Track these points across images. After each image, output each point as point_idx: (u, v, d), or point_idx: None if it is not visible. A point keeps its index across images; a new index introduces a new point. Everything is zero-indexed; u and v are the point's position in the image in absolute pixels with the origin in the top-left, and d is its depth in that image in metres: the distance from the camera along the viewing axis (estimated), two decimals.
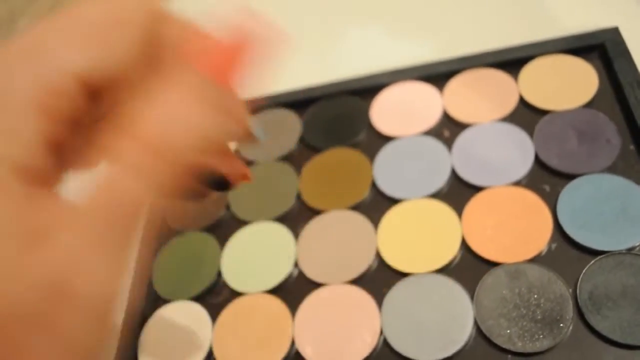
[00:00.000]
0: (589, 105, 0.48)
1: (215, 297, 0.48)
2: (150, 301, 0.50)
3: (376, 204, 0.49)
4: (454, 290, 0.42)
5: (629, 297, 0.38)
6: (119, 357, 0.47)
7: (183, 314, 0.48)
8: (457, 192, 0.47)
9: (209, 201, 0.53)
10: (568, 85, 0.49)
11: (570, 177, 0.44)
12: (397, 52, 0.60)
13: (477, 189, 0.46)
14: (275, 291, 0.47)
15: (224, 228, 0.52)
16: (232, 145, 0.57)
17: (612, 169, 0.44)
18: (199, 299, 0.48)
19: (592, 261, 0.40)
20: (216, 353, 0.45)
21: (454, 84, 0.53)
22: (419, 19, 0.63)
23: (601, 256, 0.40)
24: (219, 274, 0.49)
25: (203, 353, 0.45)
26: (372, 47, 0.63)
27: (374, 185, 0.50)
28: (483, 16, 0.60)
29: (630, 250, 0.40)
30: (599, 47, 0.50)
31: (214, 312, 0.47)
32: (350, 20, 0.67)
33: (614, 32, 0.50)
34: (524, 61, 0.52)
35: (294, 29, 0.67)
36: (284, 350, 0.43)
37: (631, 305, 0.38)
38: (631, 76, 0.47)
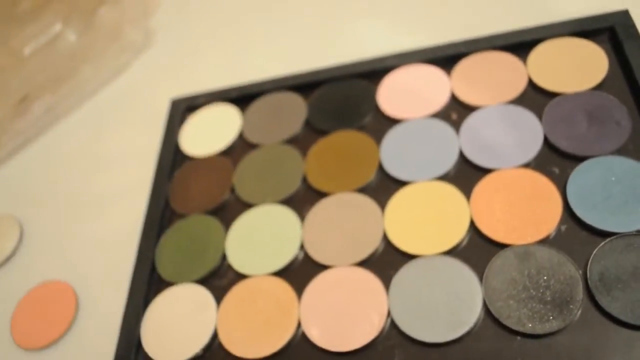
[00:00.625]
0: (599, 87, 0.47)
1: (220, 279, 0.48)
2: (154, 284, 0.50)
3: (383, 187, 0.48)
4: (463, 271, 0.41)
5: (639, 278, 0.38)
6: (122, 340, 0.46)
7: (187, 297, 0.47)
8: (465, 175, 0.46)
9: (213, 184, 0.53)
10: (577, 68, 0.49)
11: (579, 159, 0.44)
12: (404, 34, 0.60)
13: (485, 171, 0.46)
14: (280, 274, 0.46)
15: (228, 211, 0.52)
16: (237, 128, 0.57)
17: (622, 151, 0.43)
18: (203, 282, 0.48)
19: (603, 243, 0.39)
20: (221, 336, 0.44)
21: (462, 66, 0.53)
22: (428, 1, 0.62)
23: (611, 238, 0.39)
24: (224, 257, 0.49)
25: (208, 336, 0.44)
26: (379, 29, 0.62)
27: (380, 168, 0.49)
28: None
29: None
30: (608, 30, 0.50)
31: (219, 295, 0.46)
32: (357, 3, 0.66)
33: (624, 15, 0.50)
34: (533, 44, 0.51)
35: (302, 12, 0.68)
36: (290, 333, 0.43)
37: None
38: None
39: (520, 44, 0.52)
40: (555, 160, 0.45)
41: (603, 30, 0.50)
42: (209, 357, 0.44)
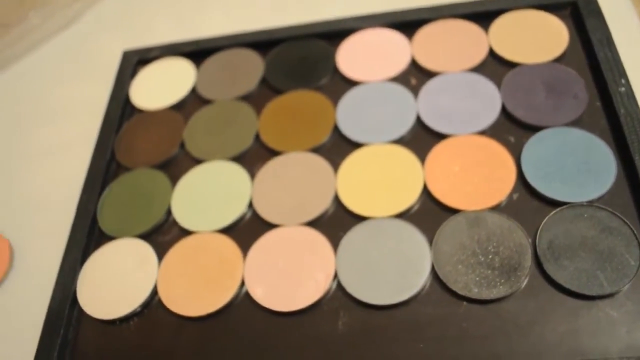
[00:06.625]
0: (559, 60, 0.47)
1: (164, 235, 0.46)
2: (94, 238, 0.47)
3: (337, 148, 0.47)
4: (413, 235, 0.41)
5: (588, 248, 0.37)
6: (56, 294, 0.44)
7: (127, 252, 0.45)
8: (421, 139, 0.46)
9: (163, 138, 0.51)
10: (539, 40, 0.48)
11: (535, 129, 0.43)
12: None
13: (441, 136, 0.45)
14: (227, 231, 0.45)
15: (177, 166, 0.50)
16: (191, 83, 0.55)
17: (577, 123, 0.43)
18: (146, 237, 0.46)
19: (553, 212, 0.39)
20: (161, 292, 0.43)
21: (423, 32, 0.52)
22: None
23: (562, 207, 0.39)
24: (169, 212, 0.47)
25: (147, 292, 0.43)
26: None
27: (335, 129, 0.48)
28: None
29: (591, 202, 0.39)
30: (571, 5, 0.50)
31: (162, 251, 0.45)
32: None
33: None
34: (495, 14, 0.51)
35: None
36: (232, 291, 0.41)
37: (589, 256, 0.37)
38: (601, 34, 0.46)
39: (483, 14, 0.51)
40: (511, 129, 0.44)
41: (566, 4, 0.50)
42: (147, 314, 0.43)
